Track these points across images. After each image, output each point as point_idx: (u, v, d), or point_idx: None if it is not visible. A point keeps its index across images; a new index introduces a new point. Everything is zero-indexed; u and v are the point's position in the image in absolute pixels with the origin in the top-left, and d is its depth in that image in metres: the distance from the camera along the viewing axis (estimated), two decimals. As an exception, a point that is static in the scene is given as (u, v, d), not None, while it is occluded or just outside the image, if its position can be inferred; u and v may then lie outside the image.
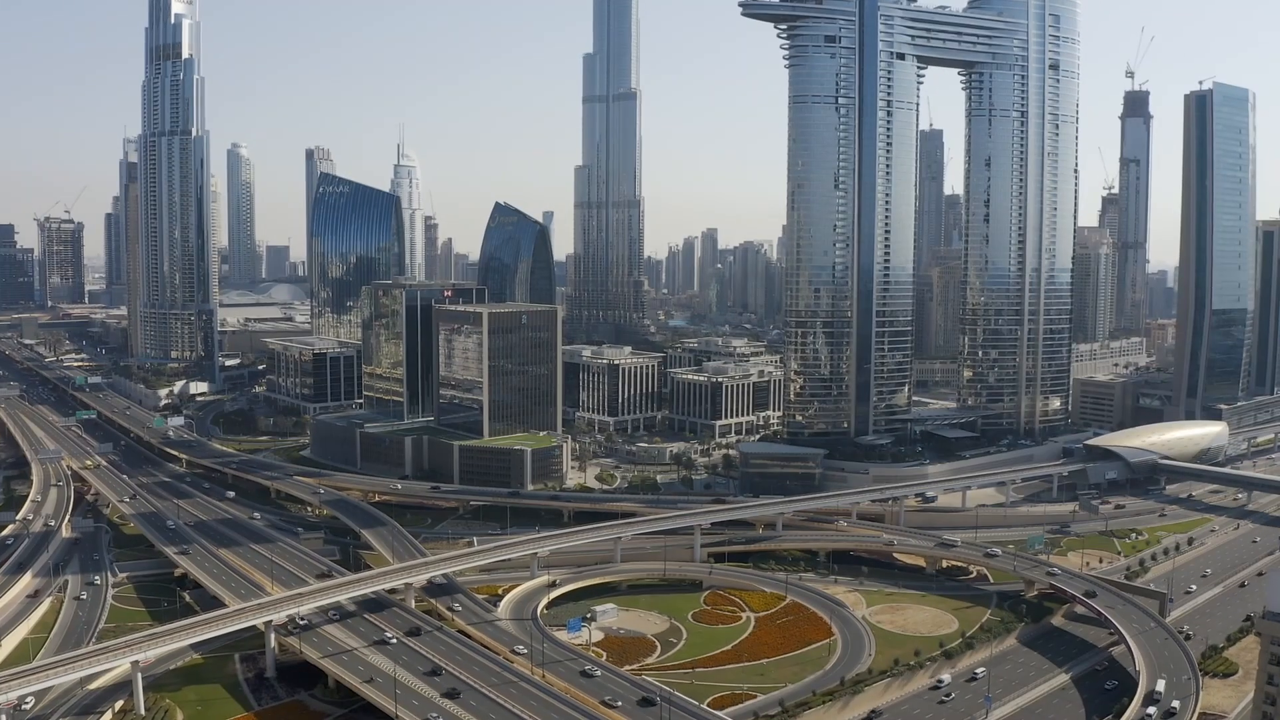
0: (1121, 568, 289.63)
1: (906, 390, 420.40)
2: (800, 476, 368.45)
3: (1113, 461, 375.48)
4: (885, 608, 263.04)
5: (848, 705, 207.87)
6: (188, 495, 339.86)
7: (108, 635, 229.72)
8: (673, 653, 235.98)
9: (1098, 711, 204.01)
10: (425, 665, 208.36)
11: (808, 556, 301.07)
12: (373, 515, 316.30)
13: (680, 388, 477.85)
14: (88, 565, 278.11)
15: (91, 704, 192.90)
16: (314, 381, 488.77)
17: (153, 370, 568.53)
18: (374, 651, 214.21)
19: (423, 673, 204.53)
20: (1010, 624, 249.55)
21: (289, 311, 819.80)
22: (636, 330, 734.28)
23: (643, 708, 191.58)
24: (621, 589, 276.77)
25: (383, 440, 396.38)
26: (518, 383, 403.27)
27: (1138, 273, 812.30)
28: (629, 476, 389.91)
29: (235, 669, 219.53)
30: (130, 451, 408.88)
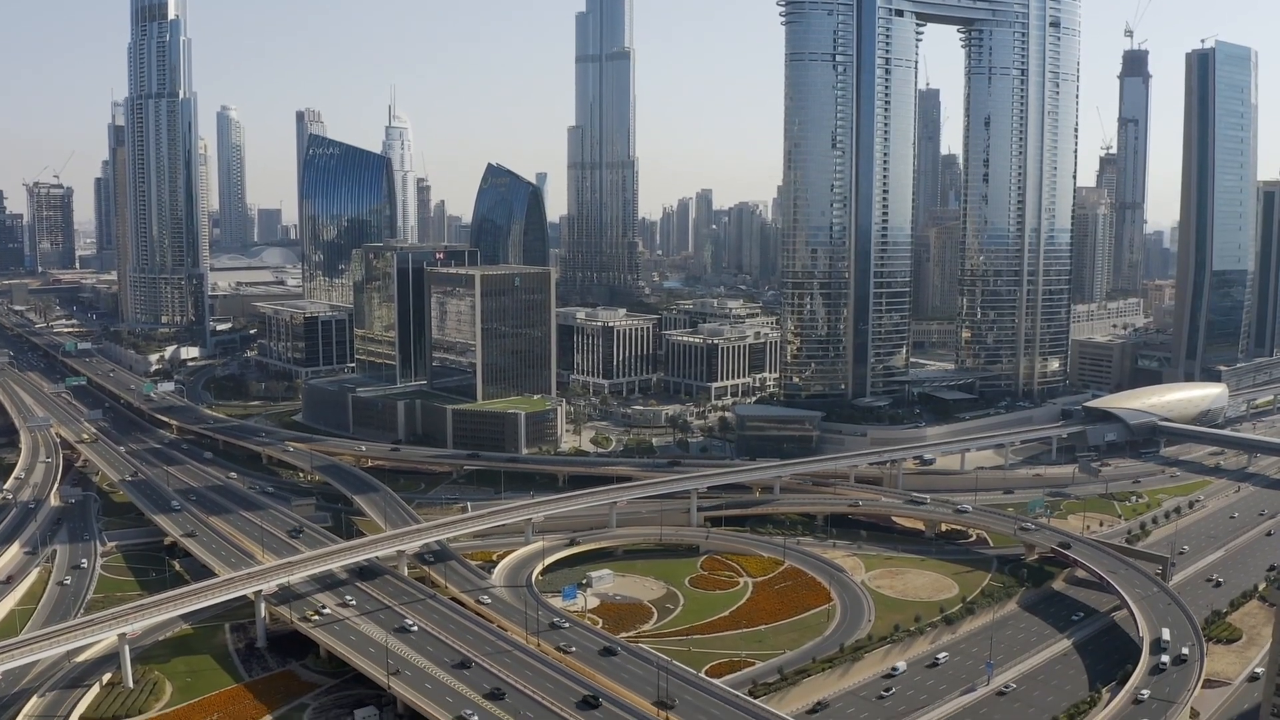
0: (1122, 531, 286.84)
1: (904, 352, 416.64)
2: (797, 439, 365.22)
3: (1112, 423, 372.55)
4: (884, 572, 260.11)
5: (847, 672, 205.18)
6: (178, 462, 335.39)
7: (96, 606, 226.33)
8: (670, 619, 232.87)
9: (1100, 678, 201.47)
10: (419, 634, 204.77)
11: (806, 520, 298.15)
12: (365, 481, 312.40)
13: (675, 350, 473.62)
14: (76, 535, 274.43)
15: (79, 676, 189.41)
16: (305, 345, 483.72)
17: (143, 335, 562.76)
18: (366, 621, 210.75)
19: (416, 641, 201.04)
20: (1011, 588, 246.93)
21: (281, 275, 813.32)
22: (631, 292, 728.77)
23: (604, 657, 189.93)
24: (618, 554, 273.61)
25: (375, 405, 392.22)
26: (511, 345, 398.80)
27: (1135, 233, 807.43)
28: (624, 440, 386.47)
29: (225, 639, 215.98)
30: (120, 418, 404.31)
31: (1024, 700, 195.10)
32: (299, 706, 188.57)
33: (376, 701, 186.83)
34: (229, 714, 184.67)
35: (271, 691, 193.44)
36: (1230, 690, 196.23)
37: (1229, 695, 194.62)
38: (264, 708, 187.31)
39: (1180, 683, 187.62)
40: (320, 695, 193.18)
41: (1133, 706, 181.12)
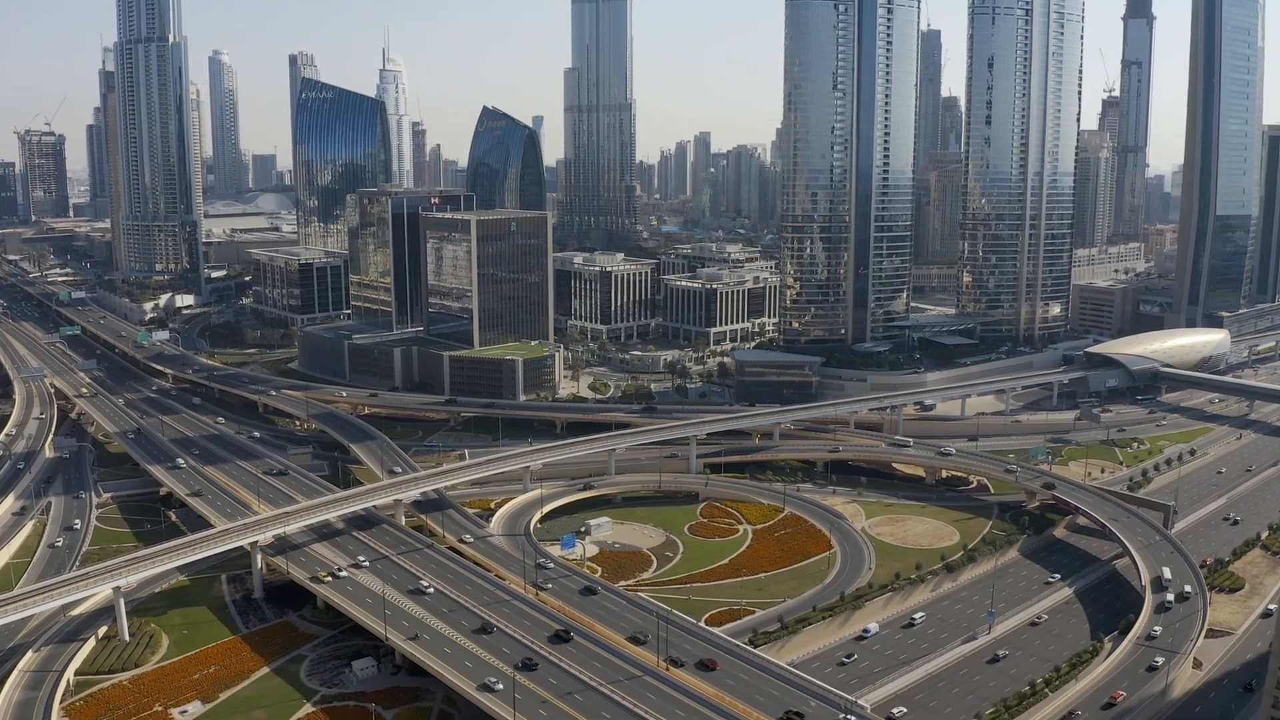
0: (1124, 478, 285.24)
1: (905, 296, 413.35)
2: (797, 385, 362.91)
3: (1113, 369, 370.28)
4: (885, 519, 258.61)
5: (848, 621, 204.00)
6: (174, 411, 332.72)
7: (91, 558, 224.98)
8: (669, 567, 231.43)
9: (1102, 627, 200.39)
10: (415, 584, 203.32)
11: (805, 467, 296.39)
12: (361, 429, 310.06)
13: (674, 294, 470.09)
14: (71, 487, 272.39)
15: (75, 630, 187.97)
16: (301, 292, 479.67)
17: (137, 284, 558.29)
18: (363, 571, 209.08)
19: (411, 592, 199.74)
20: (1012, 536, 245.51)
21: (276, 221, 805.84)
22: (629, 236, 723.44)
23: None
24: (616, 501, 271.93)
25: (371, 351, 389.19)
26: (508, 291, 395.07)
27: (1137, 177, 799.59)
28: (623, 385, 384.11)
29: (222, 590, 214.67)
30: (115, 367, 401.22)
31: (1025, 649, 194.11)
32: (296, 658, 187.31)
33: (374, 652, 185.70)
34: (226, 666, 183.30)
35: (269, 643, 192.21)
36: (1233, 640, 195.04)
37: (1232, 644, 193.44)
38: (261, 659, 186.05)
39: (1183, 632, 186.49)
40: (318, 646, 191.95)
41: (1136, 656, 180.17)
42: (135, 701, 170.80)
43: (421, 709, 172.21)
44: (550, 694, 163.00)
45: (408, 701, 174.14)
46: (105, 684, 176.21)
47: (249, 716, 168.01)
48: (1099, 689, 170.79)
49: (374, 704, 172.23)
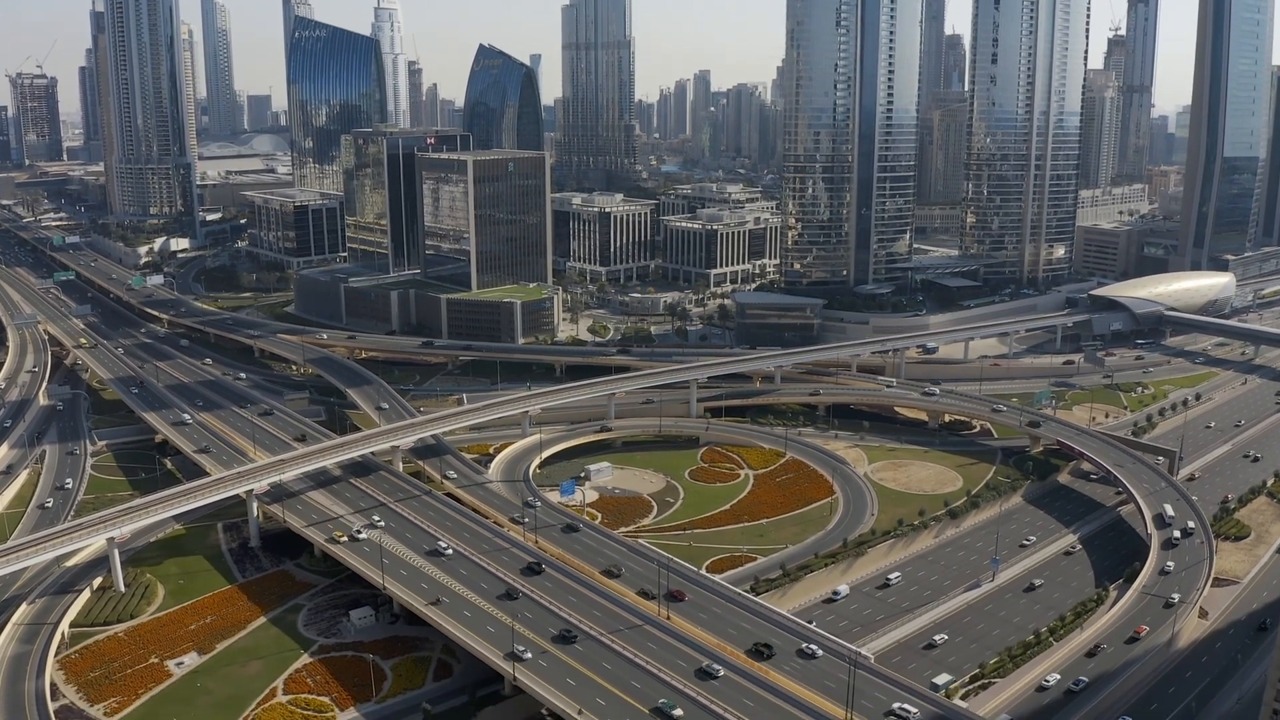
0: (1128, 423, 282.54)
1: (907, 237, 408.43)
2: (798, 327, 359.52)
3: (1118, 312, 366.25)
4: (887, 464, 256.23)
5: (850, 568, 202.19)
6: (169, 356, 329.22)
7: (86, 507, 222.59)
8: (669, 513, 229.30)
9: (1107, 574, 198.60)
10: (412, 532, 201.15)
11: (807, 410, 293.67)
12: (358, 373, 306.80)
13: (674, 236, 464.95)
14: (66, 435, 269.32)
15: (69, 582, 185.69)
16: (296, 235, 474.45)
17: (132, 228, 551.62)
18: (360, 518, 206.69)
19: (410, 540, 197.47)
20: (1016, 481, 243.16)
21: (271, 163, 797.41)
22: (628, 176, 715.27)
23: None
24: (616, 446, 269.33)
25: (368, 295, 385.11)
26: (506, 233, 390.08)
27: (1142, 117, 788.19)
28: (622, 328, 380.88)
29: (218, 539, 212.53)
30: (109, 312, 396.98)
31: (1030, 596, 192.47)
32: (294, 607, 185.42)
33: (372, 601, 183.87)
34: (223, 616, 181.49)
35: (265, 592, 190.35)
36: (1239, 589, 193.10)
37: (1238, 594, 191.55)
38: (258, 609, 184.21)
39: (1189, 581, 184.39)
40: (315, 595, 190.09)
41: (1141, 605, 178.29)
42: (131, 653, 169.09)
43: (420, 659, 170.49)
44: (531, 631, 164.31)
45: (406, 651, 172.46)
46: (100, 636, 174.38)
47: (246, 668, 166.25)
48: (1105, 638, 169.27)
49: (372, 654, 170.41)
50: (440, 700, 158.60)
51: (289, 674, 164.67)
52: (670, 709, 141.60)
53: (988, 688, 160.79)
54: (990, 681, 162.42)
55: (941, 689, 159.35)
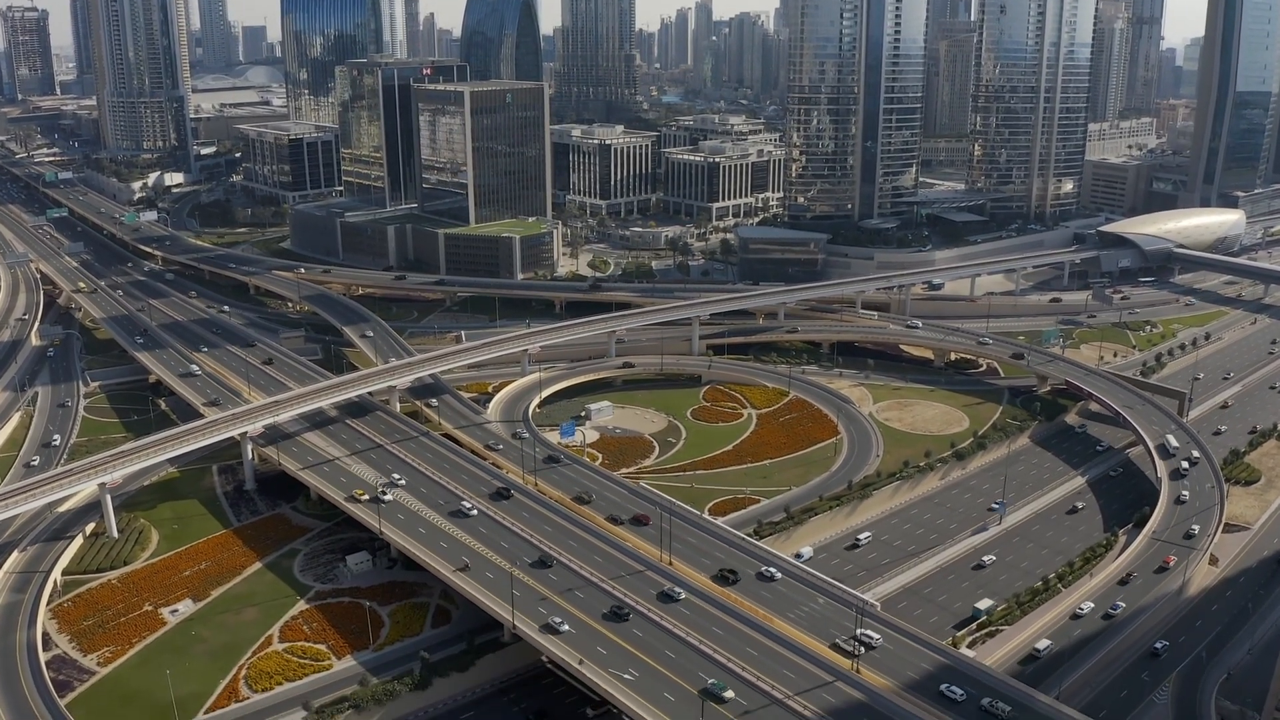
0: (1137, 362, 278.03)
1: (913, 171, 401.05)
2: (802, 262, 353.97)
3: (1126, 249, 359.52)
4: (893, 404, 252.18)
5: (855, 511, 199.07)
6: (163, 294, 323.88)
7: (79, 450, 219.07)
8: (671, 454, 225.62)
9: (1115, 519, 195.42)
10: (410, 475, 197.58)
11: (811, 348, 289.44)
12: (355, 310, 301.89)
13: (675, 168, 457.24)
14: (58, 377, 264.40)
15: (61, 528, 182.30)
16: (292, 169, 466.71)
17: (125, 163, 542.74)
18: (356, 461, 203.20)
19: (407, 483, 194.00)
20: (1023, 422, 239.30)
21: (266, 95, 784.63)
22: (628, 107, 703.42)
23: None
24: (617, 385, 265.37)
25: (364, 230, 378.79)
26: (504, 166, 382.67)
27: (1151, 50, 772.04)
28: (623, 263, 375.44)
29: (213, 482, 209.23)
30: (103, 249, 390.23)
31: (1037, 540, 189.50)
32: (289, 552, 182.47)
33: (369, 545, 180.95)
34: (218, 562, 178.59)
35: (261, 537, 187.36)
36: (1250, 535, 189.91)
37: (1249, 540, 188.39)
38: (253, 554, 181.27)
39: (1199, 527, 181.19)
40: (311, 540, 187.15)
41: (1151, 551, 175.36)
42: (124, 601, 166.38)
43: (418, 604, 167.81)
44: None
45: (404, 597, 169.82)
46: (93, 583, 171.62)
47: (241, 615, 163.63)
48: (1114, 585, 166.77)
49: (369, 600, 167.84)
50: (439, 648, 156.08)
51: (285, 621, 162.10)
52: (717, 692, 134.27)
53: (994, 635, 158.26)
54: (997, 629, 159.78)
55: (950, 637, 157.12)
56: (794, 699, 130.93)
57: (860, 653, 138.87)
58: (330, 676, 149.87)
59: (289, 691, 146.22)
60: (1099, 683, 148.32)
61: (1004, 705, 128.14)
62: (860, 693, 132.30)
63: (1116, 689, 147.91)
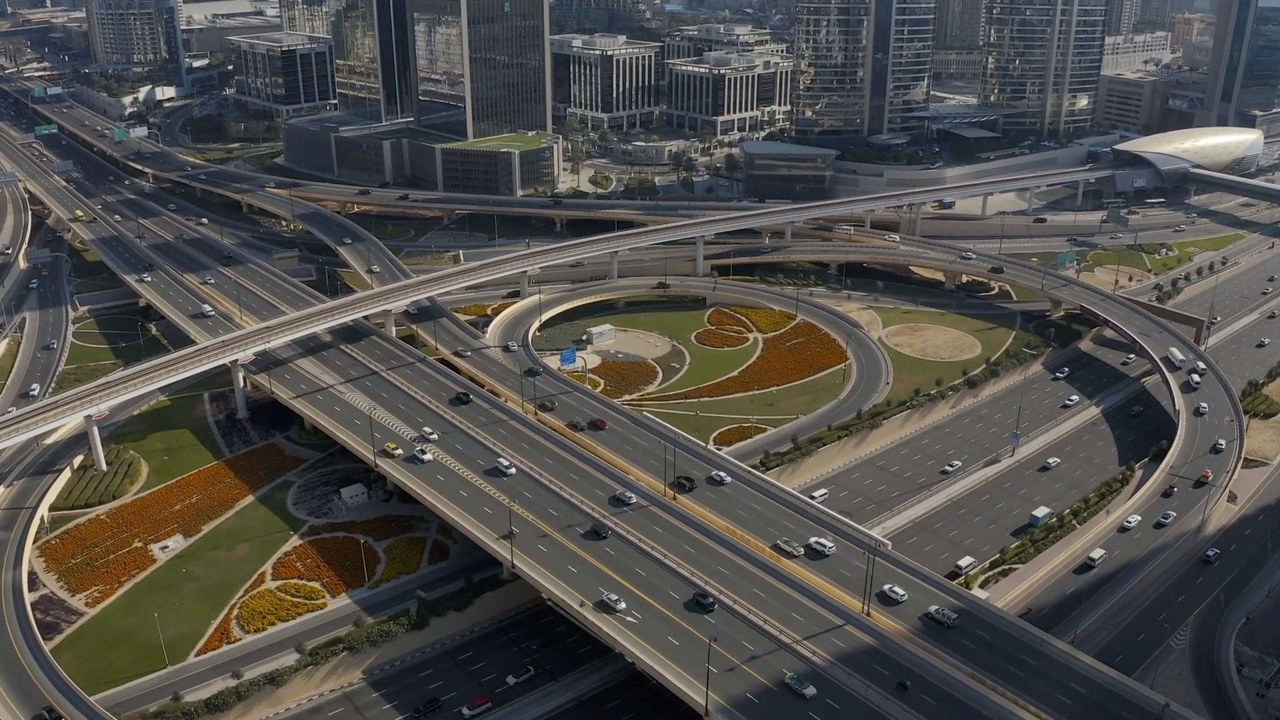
0: (1151, 286, 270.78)
1: (925, 84, 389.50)
2: (809, 179, 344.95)
3: (1141, 168, 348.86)
4: (902, 328, 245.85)
5: (864, 441, 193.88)
6: (154, 213, 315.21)
7: (67, 379, 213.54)
8: (675, 380, 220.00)
9: (1132, 452, 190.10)
10: (407, 403, 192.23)
11: (819, 269, 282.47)
12: (350, 229, 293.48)
13: (679, 80, 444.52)
14: (47, 302, 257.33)
15: (49, 461, 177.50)
16: (285, 81, 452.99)
17: (116, 77, 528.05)
18: (351, 389, 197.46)
19: (403, 411, 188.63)
20: (1037, 348, 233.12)
21: (259, 5, 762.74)
22: (631, 16, 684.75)
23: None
24: (619, 307, 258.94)
25: (359, 145, 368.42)
26: (503, 77, 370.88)
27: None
28: (625, 179, 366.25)
29: (205, 410, 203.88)
30: (93, 167, 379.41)
31: (1051, 474, 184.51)
32: (283, 484, 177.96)
33: (365, 477, 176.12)
34: (209, 495, 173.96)
35: (253, 468, 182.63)
36: (1269, 470, 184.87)
37: (1268, 475, 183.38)
38: (246, 486, 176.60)
39: (1218, 462, 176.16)
40: (305, 471, 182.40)
41: (1167, 490, 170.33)
42: (113, 537, 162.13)
43: (415, 540, 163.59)
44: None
45: (400, 532, 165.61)
46: (81, 519, 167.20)
47: (233, 552, 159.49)
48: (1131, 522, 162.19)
49: (364, 535, 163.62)
50: (436, 585, 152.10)
51: (278, 557, 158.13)
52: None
53: (1008, 574, 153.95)
54: (1011, 568, 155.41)
55: (962, 574, 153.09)
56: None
57: (799, 553, 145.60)
58: (324, 616, 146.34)
59: (282, 632, 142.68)
60: (1115, 626, 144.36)
61: (950, 613, 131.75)
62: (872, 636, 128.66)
63: (1133, 632, 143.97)
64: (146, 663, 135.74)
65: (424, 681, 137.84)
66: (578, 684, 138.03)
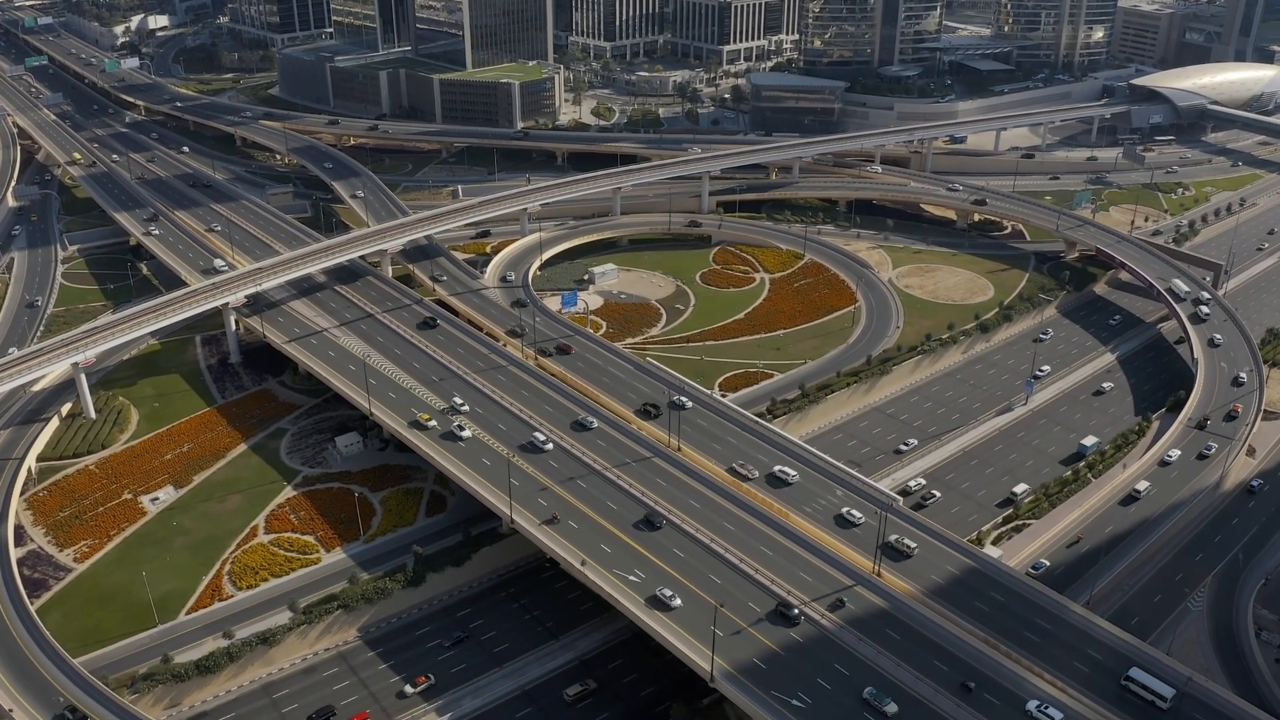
0: (1169, 228, 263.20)
1: (937, 13, 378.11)
2: (818, 112, 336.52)
3: (1158, 104, 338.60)
4: (913, 269, 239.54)
5: (874, 388, 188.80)
6: (146, 148, 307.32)
7: (56, 321, 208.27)
8: (680, 322, 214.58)
9: (1146, 400, 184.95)
10: (402, 347, 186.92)
11: (827, 206, 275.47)
12: (345, 164, 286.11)
13: (684, 8, 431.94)
14: (35, 240, 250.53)
15: (36, 409, 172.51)
16: (280, 8, 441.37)
17: (107, 5, 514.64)
18: (346, 333, 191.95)
19: (399, 356, 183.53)
20: (1051, 291, 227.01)
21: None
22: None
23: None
24: (622, 245, 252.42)
25: (355, 76, 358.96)
26: (503, 4, 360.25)
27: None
28: (628, 111, 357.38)
29: (196, 354, 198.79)
30: (83, 99, 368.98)
31: (1064, 424, 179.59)
32: (276, 432, 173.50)
33: (360, 425, 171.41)
34: (201, 444, 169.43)
35: (246, 415, 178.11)
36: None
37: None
38: (238, 434, 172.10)
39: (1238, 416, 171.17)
40: (299, 418, 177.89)
41: (1186, 440, 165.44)
42: (102, 489, 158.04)
43: (412, 491, 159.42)
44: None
45: (396, 482, 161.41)
46: (70, 470, 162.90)
47: (224, 504, 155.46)
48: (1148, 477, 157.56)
49: (360, 485, 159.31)
50: (433, 539, 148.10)
51: (271, 510, 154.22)
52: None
53: (1021, 530, 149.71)
54: (1024, 524, 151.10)
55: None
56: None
57: (749, 474, 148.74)
58: (318, 571, 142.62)
59: (275, 589, 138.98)
60: (1131, 585, 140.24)
61: (909, 542, 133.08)
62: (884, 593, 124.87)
63: (1150, 593, 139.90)
64: (136, 621, 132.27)
65: (420, 640, 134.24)
66: (579, 643, 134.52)
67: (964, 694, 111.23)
